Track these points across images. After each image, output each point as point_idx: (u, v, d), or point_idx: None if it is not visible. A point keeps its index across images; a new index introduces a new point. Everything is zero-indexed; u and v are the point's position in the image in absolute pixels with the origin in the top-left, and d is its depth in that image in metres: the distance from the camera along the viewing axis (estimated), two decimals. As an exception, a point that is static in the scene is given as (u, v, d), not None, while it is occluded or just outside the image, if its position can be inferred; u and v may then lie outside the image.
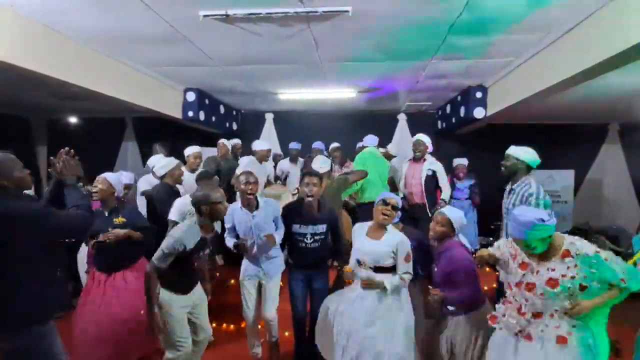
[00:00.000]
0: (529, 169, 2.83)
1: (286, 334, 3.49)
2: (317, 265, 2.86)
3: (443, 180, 4.30)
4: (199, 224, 2.39)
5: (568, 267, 1.77)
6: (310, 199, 2.70)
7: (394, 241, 2.40)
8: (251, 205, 2.76)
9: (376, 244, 2.44)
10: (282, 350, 3.22)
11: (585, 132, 6.36)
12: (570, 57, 2.92)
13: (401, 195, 4.39)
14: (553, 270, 1.79)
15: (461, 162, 5.25)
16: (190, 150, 4.09)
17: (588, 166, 6.38)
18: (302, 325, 2.92)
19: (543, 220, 1.73)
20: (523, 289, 1.88)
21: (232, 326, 3.80)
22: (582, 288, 1.77)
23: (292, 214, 2.80)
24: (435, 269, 2.40)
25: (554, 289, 1.77)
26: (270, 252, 2.84)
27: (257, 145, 4.58)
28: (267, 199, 2.92)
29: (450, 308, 2.30)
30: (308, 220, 2.76)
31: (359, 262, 2.51)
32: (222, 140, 4.90)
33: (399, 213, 2.53)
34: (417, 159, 4.37)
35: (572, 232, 3.03)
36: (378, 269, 2.45)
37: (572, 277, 1.76)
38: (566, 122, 6.29)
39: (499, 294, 2.47)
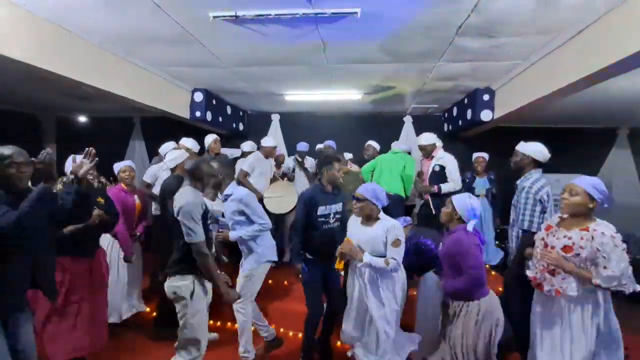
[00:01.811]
0: (536, 164, 2.82)
1: (290, 333, 3.51)
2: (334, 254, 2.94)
3: (452, 174, 4.01)
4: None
5: (582, 238, 2.08)
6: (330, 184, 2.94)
7: (386, 226, 2.51)
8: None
9: (369, 231, 2.57)
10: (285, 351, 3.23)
11: (594, 136, 6.30)
12: (579, 60, 2.90)
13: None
14: (570, 238, 2.12)
15: (480, 155, 5.03)
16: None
17: (597, 170, 6.31)
18: (317, 323, 3.00)
19: None
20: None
21: (236, 325, 3.81)
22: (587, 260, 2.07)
23: (316, 198, 2.89)
24: (440, 252, 2.44)
25: (567, 253, 2.11)
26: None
27: (265, 141, 4.61)
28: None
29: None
30: (331, 200, 2.93)
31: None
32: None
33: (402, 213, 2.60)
34: (427, 157, 4.31)
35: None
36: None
37: (581, 248, 2.08)
38: (574, 126, 6.24)
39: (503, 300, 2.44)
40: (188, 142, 4.21)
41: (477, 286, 2.20)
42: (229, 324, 3.80)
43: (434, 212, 3.89)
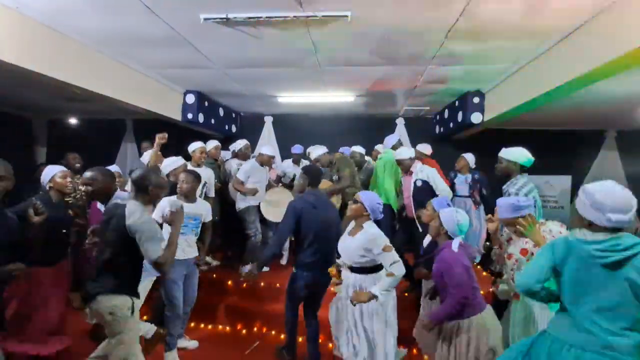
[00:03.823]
0: (522, 169, 2.83)
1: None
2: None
3: (438, 185, 3.67)
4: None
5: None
6: None
7: (365, 236, 2.45)
8: None
9: (350, 240, 2.54)
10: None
11: (582, 138, 6.40)
12: (567, 63, 2.95)
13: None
14: (526, 242, 2.23)
15: (462, 155, 4.96)
16: (195, 146, 4.08)
17: (585, 172, 6.41)
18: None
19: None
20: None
21: (228, 328, 3.81)
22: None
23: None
24: (432, 273, 2.36)
25: (524, 256, 2.22)
26: None
27: (264, 149, 4.48)
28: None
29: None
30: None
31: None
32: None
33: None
34: (406, 172, 3.89)
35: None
36: (356, 270, 2.54)
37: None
38: (563, 128, 6.33)
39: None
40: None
41: (464, 305, 2.12)
42: (219, 326, 3.80)
43: (420, 230, 3.57)
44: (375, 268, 2.52)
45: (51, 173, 2.76)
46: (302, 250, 2.81)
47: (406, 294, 3.77)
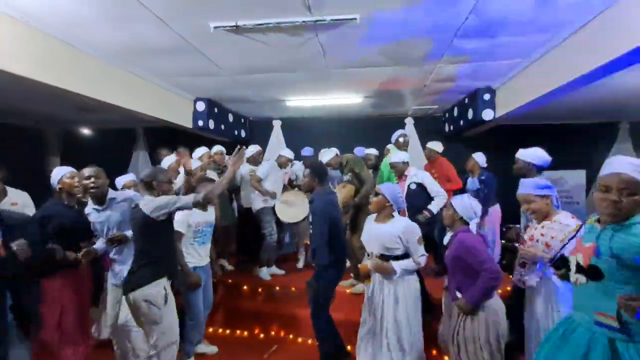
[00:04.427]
0: (539, 169, 2.83)
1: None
2: None
3: (432, 188, 3.63)
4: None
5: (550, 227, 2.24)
6: None
7: (401, 225, 2.51)
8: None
9: (381, 228, 2.58)
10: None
11: (595, 132, 6.30)
12: (579, 57, 2.92)
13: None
14: (535, 228, 2.30)
15: (472, 155, 4.77)
16: (201, 152, 4.15)
17: (599, 166, 6.27)
18: None
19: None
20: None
21: (246, 333, 3.83)
22: (547, 245, 2.22)
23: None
24: (446, 257, 2.39)
25: (531, 242, 2.28)
26: None
27: (284, 152, 4.65)
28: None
29: (458, 295, 2.27)
30: None
31: (368, 256, 2.65)
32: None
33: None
34: (399, 177, 3.84)
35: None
36: (383, 258, 2.55)
37: (542, 235, 2.24)
38: (576, 122, 6.24)
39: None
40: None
41: (498, 279, 2.10)
42: (237, 331, 3.82)
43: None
44: (403, 257, 2.55)
45: (59, 174, 2.71)
46: (332, 250, 2.82)
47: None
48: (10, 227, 2.09)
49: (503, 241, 5.02)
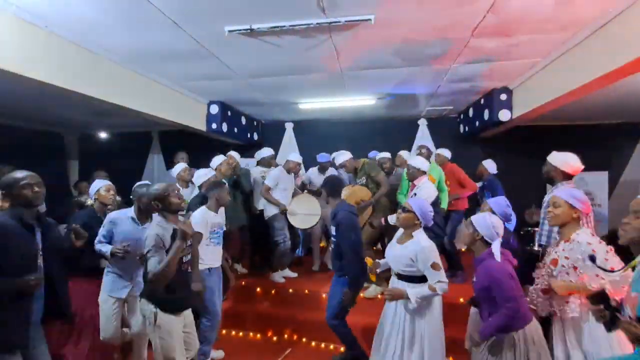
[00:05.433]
0: (565, 175, 2.64)
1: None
2: None
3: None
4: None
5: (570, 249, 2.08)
6: None
7: (413, 248, 2.39)
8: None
9: (400, 249, 2.49)
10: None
11: (617, 132, 6.08)
12: (599, 56, 2.82)
13: None
14: (556, 252, 2.16)
15: (482, 162, 4.79)
16: (219, 160, 4.12)
17: (622, 167, 6.08)
18: None
19: None
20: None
21: (259, 335, 3.82)
22: (575, 268, 2.07)
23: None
24: (474, 286, 2.23)
25: (555, 266, 2.13)
26: None
27: (291, 156, 4.56)
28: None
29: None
30: None
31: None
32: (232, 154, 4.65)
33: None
34: (412, 181, 3.79)
35: (609, 236, 2.83)
36: (403, 278, 2.47)
37: (566, 258, 2.08)
38: (596, 122, 6.05)
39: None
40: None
41: (516, 318, 2.01)
42: (250, 334, 3.82)
43: None
44: (423, 278, 2.41)
45: (97, 187, 3.05)
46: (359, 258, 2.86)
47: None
48: (48, 226, 2.15)
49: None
